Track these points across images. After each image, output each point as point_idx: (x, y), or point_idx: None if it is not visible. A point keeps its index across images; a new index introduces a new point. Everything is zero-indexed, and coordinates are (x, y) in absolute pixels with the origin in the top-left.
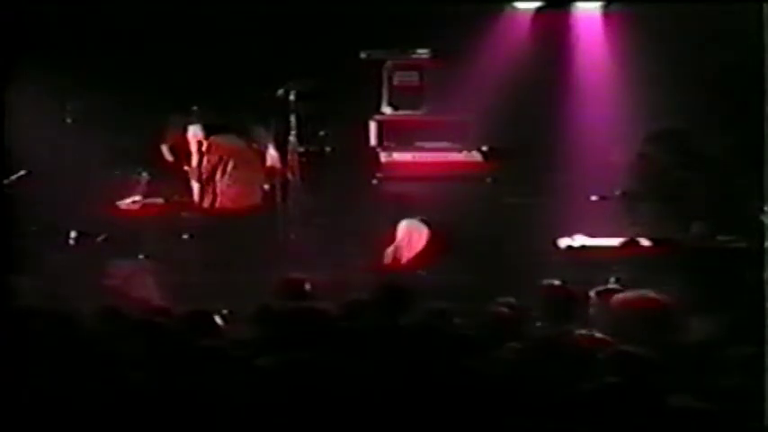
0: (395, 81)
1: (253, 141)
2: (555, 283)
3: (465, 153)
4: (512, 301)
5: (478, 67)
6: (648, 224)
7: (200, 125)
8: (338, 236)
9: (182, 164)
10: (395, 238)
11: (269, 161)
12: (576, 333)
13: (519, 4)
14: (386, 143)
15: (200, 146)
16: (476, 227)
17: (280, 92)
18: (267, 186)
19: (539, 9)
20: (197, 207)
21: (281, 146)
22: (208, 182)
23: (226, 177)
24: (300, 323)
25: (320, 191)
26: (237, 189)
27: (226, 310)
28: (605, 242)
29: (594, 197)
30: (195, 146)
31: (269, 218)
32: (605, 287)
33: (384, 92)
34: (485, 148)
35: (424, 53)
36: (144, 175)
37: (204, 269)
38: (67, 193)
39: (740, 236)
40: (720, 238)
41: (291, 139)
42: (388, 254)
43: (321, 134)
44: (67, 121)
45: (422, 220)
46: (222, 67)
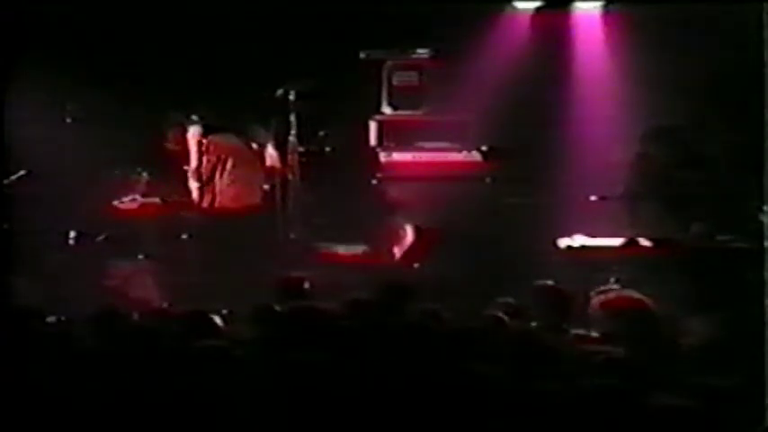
0: (395, 81)
1: (252, 141)
2: (548, 283)
3: (465, 153)
4: (510, 301)
5: (478, 67)
6: (648, 224)
7: (199, 125)
8: (338, 236)
9: (181, 163)
10: (398, 238)
11: (268, 161)
12: (573, 333)
13: (519, 4)
14: (386, 143)
15: (199, 145)
16: (475, 227)
17: (280, 92)
18: (267, 186)
19: (539, 9)
20: (196, 207)
21: (281, 146)
22: (207, 181)
23: (225, 177)
24: (300, 323)
25: (320, 191)
26: (237, 188)
27: (225, 311)
28: (605, 242)
29: (594, 197)
30: (194, 146)
31: (269, 218)
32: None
33: (384, 92)
34: (485, 148)
35: (424, 53)
36: (144, 174)
37: (204, 269)
38: (67, 193)
39: (740, 236)
40: (720, 238)
41: (291, 139)
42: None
43: (321, 134)
44: (67, 120)
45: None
46: (222, 67)
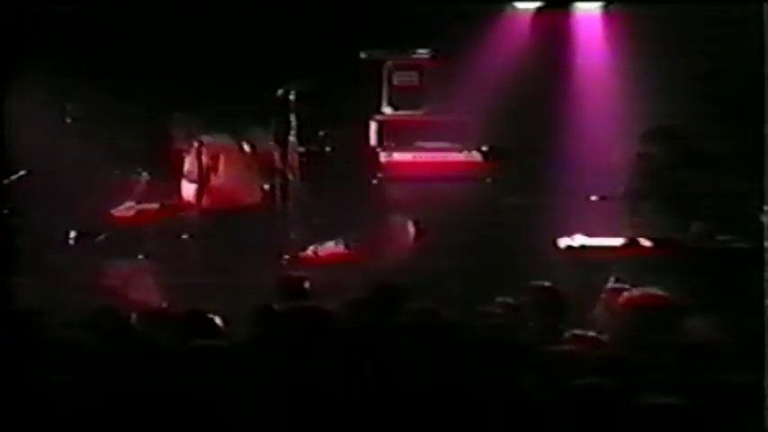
0: (395, 81)
1: (249, 141)
2: (544, 284)
3: (465, 153)
4: (509, 301)
5: (478, 67)
6: (648, 224)
7: (193, 126)
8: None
9: (180, 163)
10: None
11: (268, 161)
12: (572, 333)
13: (519, 4)
14: (386, 143)
15: (193, 147)
16: (476, 227)
17: (280, 92)
18: (267, 186)
19: (539, 9)
20: (193, 208)
21: (280, 146)
22: (202, 182)
23: (221, 177)
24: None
25: (320, 191)
26: (233, 188)
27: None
28: (605, 242)
29: (594, 197)
30: (191, 146)
31: (269, 218)
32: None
33: (384, 92)
34: (485, 148)
35: (424, 53)
36: (144, 175)
37: (204, 269)
38: (67, 193)
39: (740, 236)
40: (720, 238)
41: (291, 139)
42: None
43: (321, 134)
44: (67, 121)
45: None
46: (222, 67)
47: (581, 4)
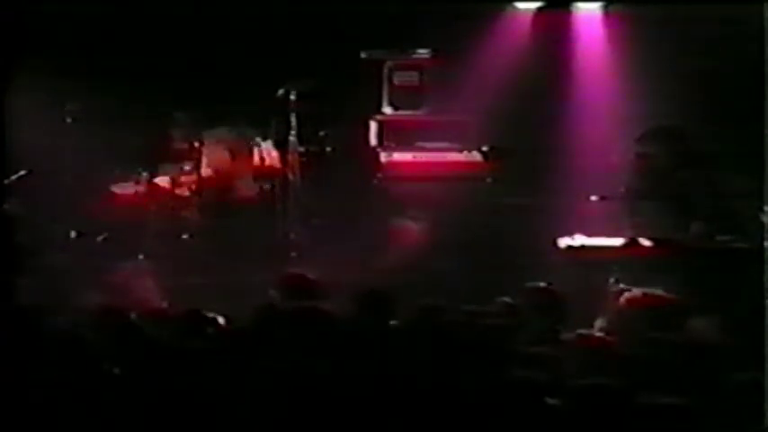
0: (395, 81)
1: (249, 140)
2: (540, 285)
3: (465, 153)
4: (509, 301)
5: (478, 67)
6: (648, 224)
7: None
8: (338, 235)
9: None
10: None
11: (267, 160)
12: (577, 333)
13: (519, 4)
14: (386, 143)
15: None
16: (476, 227)
17: (280, 92)
18: (267, 186)
19: (539, 9)
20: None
21: (281, 146)
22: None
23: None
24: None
25: (320, 191)
26: (233, 187)
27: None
28: (605, 242)
29: (594, 197)
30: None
31: (269, 217)
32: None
33: (384, 92)
34: (485, 148)
35: (424, 53)
36: (144, 174)
37: (204, 269)
38: (67, 192)
39: (740, 236)
40: (720, 238)
41: (291, 139)
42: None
43: (321, 134)
44: (67, 120)
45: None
46: (222, 67)
47: (581, 4)
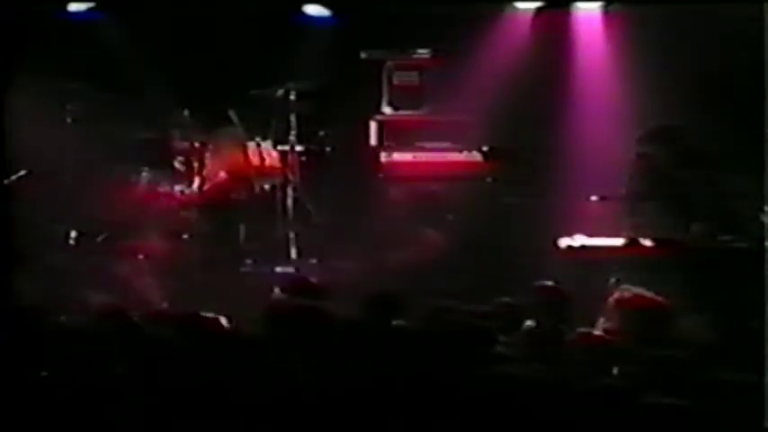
0: (395, 81)
1: (245, 138)
2: (547, 283)
3: (465, 153)
4: (509, 301)
5: (478, 67)
6: (649, 224)
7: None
8: (338, 235)
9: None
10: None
11: (267, 160)
12: (578, 331)
13: (519, 4)
14: (386, 143)
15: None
16: (476, 227)
17: (280, 92)
18: (267, 186)
19: (539, 9)
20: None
21: (281, 146)
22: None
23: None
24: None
25: (320, 191)
26: (233, 186)
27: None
28: (605, 242)
29: (594, 197)
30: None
31: (269, 217)
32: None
33: (384, 92)
34: (485, 149)
35: (424, 53)
36: (144, 174)
37: (204, 269)
38: (67, 192)
39: (740, 236)
40: (720, 238)
41: (291, 139)
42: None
43: (321, 134)
44: (67, 120)
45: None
46: (222, 67)
47: (581, 4)
